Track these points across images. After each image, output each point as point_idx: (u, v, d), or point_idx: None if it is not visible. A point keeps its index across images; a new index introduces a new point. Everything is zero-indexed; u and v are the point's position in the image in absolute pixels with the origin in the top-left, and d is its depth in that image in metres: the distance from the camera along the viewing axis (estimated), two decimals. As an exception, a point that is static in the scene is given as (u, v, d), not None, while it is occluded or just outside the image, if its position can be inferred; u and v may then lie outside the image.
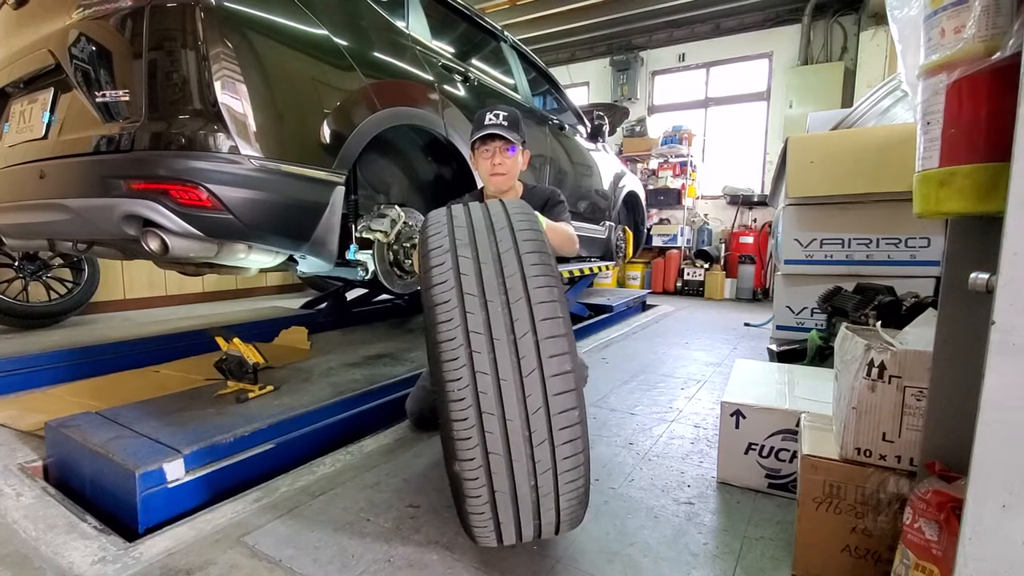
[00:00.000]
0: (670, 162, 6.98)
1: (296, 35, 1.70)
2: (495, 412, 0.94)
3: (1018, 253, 0.64)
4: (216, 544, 1.22)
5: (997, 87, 0.70)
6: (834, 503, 1.11)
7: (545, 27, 6.83)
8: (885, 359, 1.04)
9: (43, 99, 1.72)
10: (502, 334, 0.96)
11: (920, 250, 2.65)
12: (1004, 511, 0.67)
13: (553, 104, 3.87)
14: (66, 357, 2.51)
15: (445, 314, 0.97)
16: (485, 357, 0.95)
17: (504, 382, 0.95)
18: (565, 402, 0.97)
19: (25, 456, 1.66)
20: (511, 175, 1.81)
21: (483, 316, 0.97)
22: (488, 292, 0.99)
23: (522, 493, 0.98)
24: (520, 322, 0.97)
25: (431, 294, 0.99)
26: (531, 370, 0.96)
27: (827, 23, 6.10)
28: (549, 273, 1.03)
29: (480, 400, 0.94)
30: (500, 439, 0.95)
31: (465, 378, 0.94)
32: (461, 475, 0.96)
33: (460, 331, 0.96)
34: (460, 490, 0.99)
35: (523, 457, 0.96)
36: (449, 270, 1.01)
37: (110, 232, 1.56)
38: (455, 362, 0.94)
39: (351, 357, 2.65)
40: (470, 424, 0.94)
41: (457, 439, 0.94)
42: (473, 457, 0.95)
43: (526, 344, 0.96)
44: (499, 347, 0.96)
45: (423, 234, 1.13)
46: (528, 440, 0.96)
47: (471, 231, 1.10)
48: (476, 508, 0.98)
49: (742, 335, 3.96)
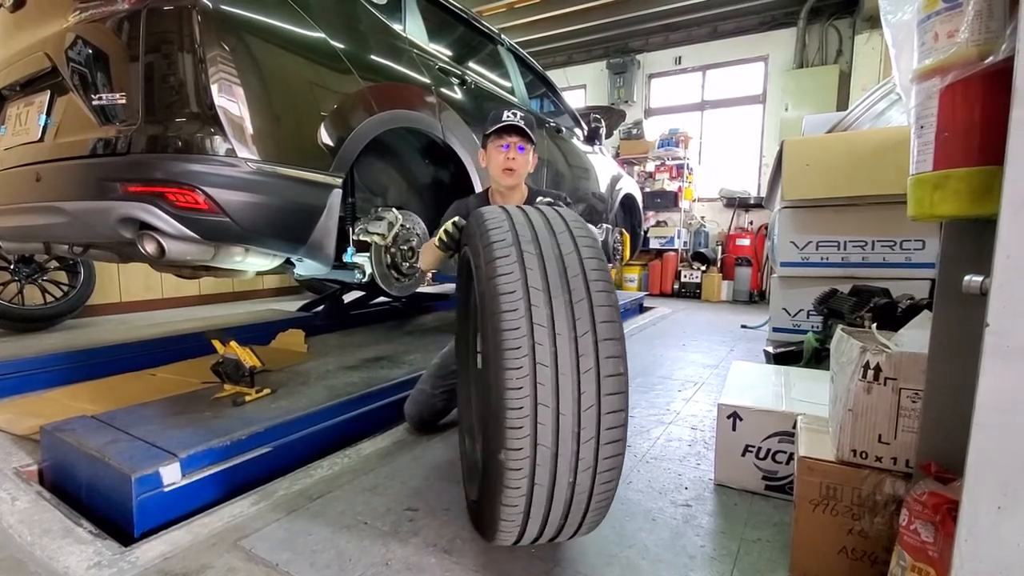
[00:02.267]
0: (667, 165, 7.00)
1: (293, 38, 1.70)
2: (550, 405, 0.95)
3: (1011, 256, 0.65)
4: (212, 548, 1.22)
5: (990, 91, 0.71)
6: (831, 505, 1.12)
7: (542, 30, 6.84)
8: (881, 361, 1.05)
9: (39, 102, 1.71)
10: (564, 330, 0.98)
11: (915, 252, 2.66)
12: (999, 512, 0.67)
13: (550, 107, 3.88)
14: (62, 360, 2.50)
15: (510, 303, 0.97)
16: (547, 350, 0.96)
17: (562, 376, 0.96)
18: (615, 403, 0.98)
19: (20, 460, 1.65)
20: (521, 172, 1.83)
21: (547, 311, 0.98)
22: (552, 288, 1.00)
23: (559, 488, 0.99)
24: (581, 321, 0.99)
25: (496, 283, 0.99)
26: (588, 368, 0.97)
27: (822, 27, 6.13)
28: (608, 279, 1.05)
29: (538, 391, 0.95)
30: (551, 432, 0.95)
31: (525, 368, 0.94)
32: (505, 464, 0.95)
33: (524, 322, 0.96)
34: (498, 481, 0.97)
35: (568, 452, 0.97)
36: (515, 263, 1.02)
37: (106, 235, 1.56)
38: (516, 351, 0.94)
39: (349, 360, 2.65)
40: (524, 414, 0.94)
41: (509, 427, 0.94)
42: (522, 447, 0.94)
43: (585, 343, 0.98)
44: (560, 342, 0.97)
45: (481, 225, 1.12)
46: (577, 436, 0.97)
47: (532, 229, 1.11)
48: (511, 500, 0.98)
49: (739, 337, 3.97)
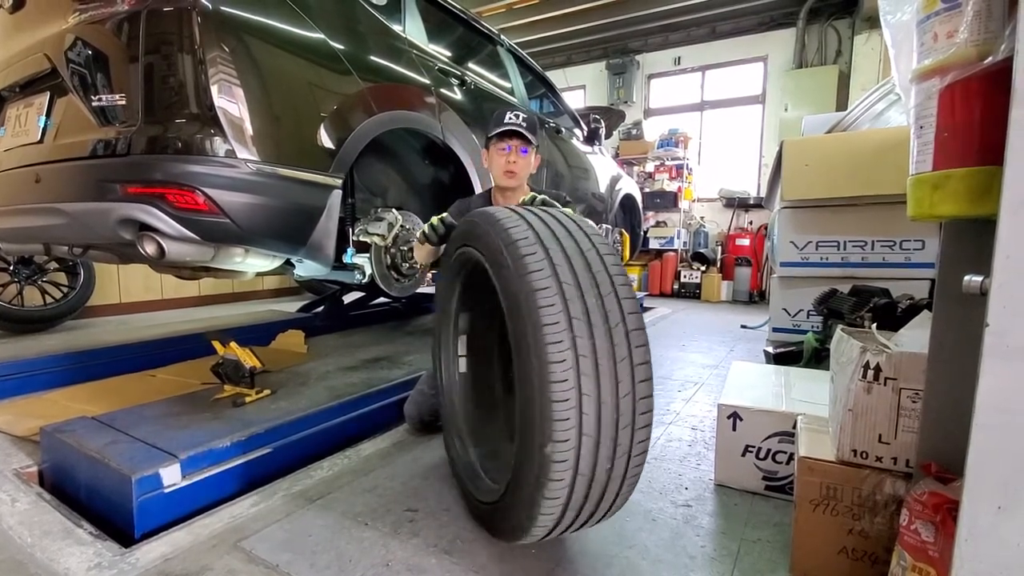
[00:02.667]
0: (666, 165, 7.00)
1: (293, 39, 1.70)
2: (592, 394, 0.97)
3: (1011, 256, 0.65)
4: (213, 549, 1.22)
5: (990, 91, 0.71)
6: (831, 505, 1.12)
7: (541, 31, 6.85)
8: (880, 361, 1.05)
9: (39, 103, 1.71)
10: (599, 322, 1.00)
11: (915, 252, 2.67)
12: (1000, 512, 0.67)
13: (550, 107, 3.88)
14: (62, 362, 2.50)
15: (547, 299, 0.99)
16: (586, 342, 0.98)
17: (602, 366, 0.98)
18: (645, 390, 1.03)
19: (20, 461, 1.65)
20: (522, 175, 1.86)
21: (582, 304, 1.01)
22: (582, 283, 1.03)
23: (598, 476, 1.01)
24: (612, 312, 1.02)
25: (530, 279, 1.01)
26: (623, 357, 1.00)
27: (821, 27, 6.13)
28: (625, 273, 1.10)
29: (581, 382, 0.96)
30: (594, 421, 0.98)
31: (568, 360, 0.96)
32: (551, 457, 0.96)
33: (563, 316, 0.98)
34: (541, 475, 0.98)
35: (608, 440, 0.99)
36: (543, 260, 1.04)
37: (106, 236, 1.56)
38: (559, 344, 0.96)
39: (348, 360, 2.65)
40: (571, 405, 0.95)
41: (556, 419, 0.95)
42: (568, 438, 0.96)
43: (619, 333, 1.01)
44: (597, 333, 0.99)
45: (496, 225, 1.13)
46: (615, 423, 0.99)
47: (549, 228, 1.12)
48: (554, 492, 0.99)
49: (739, 337, 3.97)
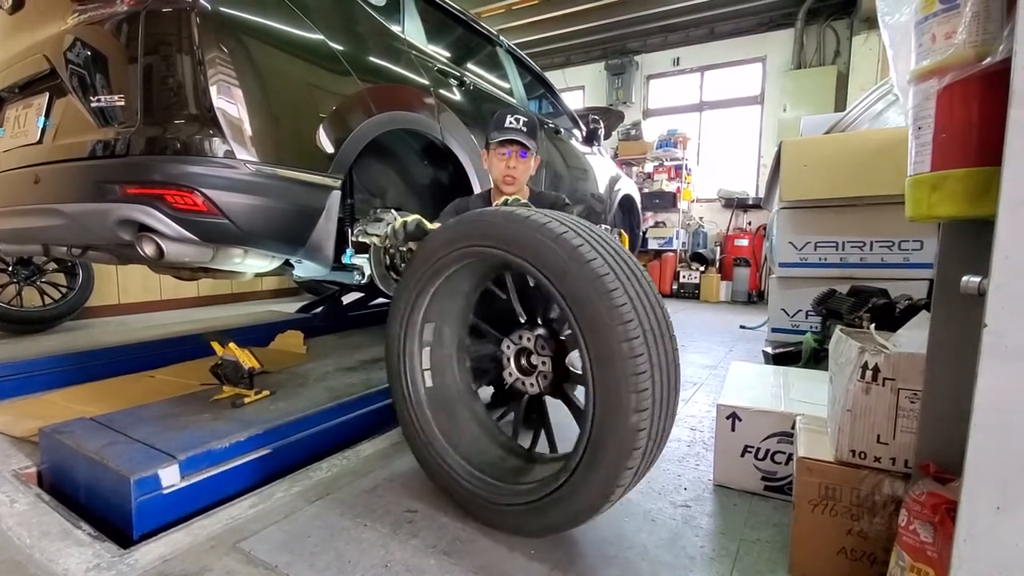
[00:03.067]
0: (665, 165, 7.01)
1: (292, 40, 1.70)
2: (659, 364, 1.08)
3: (1009, 257, 0.65)
4: (212, 550, 1.21)
5: (988, 92, 0.71)
6: (830, 505, 1.12)
7: (540, 31, 6.85)
8: (879, 362, 1.05)
9: (38, 104, 1.71)
10: (647, 302, 1.11)
11: (913, 253, 2.67)
12: (998, 513, 0.67)
13: (549, 108, 3.88)
14: (61, 362, 2.49)
15: (613, 282, 1.07)
16: (646, 320, 1.08)
17: (658, 340, 1.10)
18: (677, 358, 1.16)
19: (19, 462, 1.65)
20: (522, 180, 1.93)
21: (635, 289, 1.11)
22: (626, 274, 1.12)
23: (652, 438, 1.10)
24: (650, 295, 1.14)
25: (593, 267, 1.08)
26: (664, 333, 1.13)
27: (820, 28, 6.14)
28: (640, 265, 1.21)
29: (651, 354, 1.07)
30: (661, 388, 1.09)
31: (640, 336, 1.06)
32: (636, 428, 1.04)
33: (627, 297, 1.07)
34: (626, 446, 1.05)
35: (667, 403, 1.12)
36: (592, 249, 1.11)
37: (105, 237, 1.55)
38: (631, 323, 1.05)
39: (348, 361, 2.64)
40: (648, 376, 1.05)
41: (638, 391, 1.04)
42: (647, 407, 1.05)
43: (659, 312, 1.14)
44: (649, 312, 1.10)
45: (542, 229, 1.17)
46: (671, 388, 1.12)
47: (585, 227, 1.20)
48: (632, 462, 1.07)
49: (738, 337, 3.98)
